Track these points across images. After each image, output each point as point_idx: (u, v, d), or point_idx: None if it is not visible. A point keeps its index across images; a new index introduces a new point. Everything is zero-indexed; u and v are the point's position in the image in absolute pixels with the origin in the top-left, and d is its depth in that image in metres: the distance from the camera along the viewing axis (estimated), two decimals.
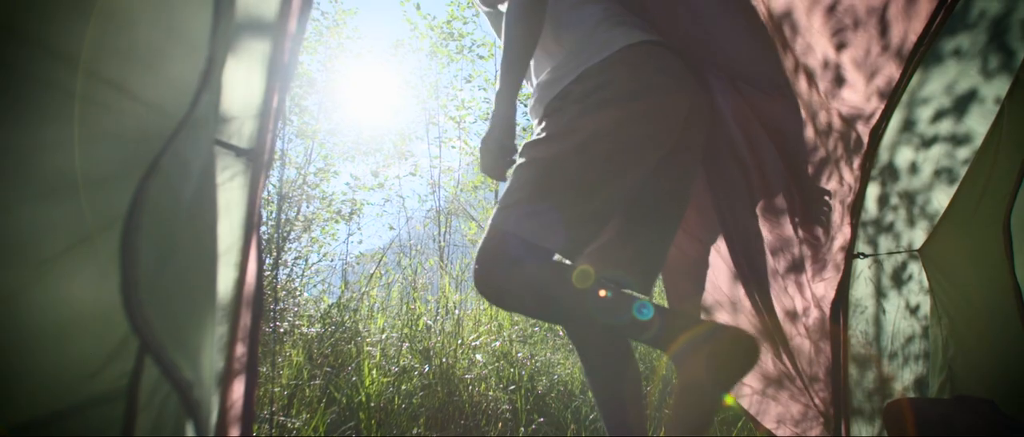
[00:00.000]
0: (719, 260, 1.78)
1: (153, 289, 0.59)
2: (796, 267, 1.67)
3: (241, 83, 0.79)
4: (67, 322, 0.63)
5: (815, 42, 1.41)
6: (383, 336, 2.79)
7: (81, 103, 0.62)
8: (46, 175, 0.62)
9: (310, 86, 4.82)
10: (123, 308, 0.57)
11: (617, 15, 1.40)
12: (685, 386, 1.25)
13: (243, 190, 0.81)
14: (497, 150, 1.32)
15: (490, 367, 2.64)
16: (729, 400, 1.79)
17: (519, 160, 1.32)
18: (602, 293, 1.27)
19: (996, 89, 1.63)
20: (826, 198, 1.62)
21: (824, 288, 1.68)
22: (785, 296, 1.71)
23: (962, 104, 1.68)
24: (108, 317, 0.63)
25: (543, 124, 1.34)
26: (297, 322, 3.16)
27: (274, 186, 4.03)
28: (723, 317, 1.81)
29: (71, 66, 0.60)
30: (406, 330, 2.79)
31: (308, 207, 4.47)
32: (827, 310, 1.69)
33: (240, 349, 0.86)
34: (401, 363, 2.57)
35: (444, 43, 5.66)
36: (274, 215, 3.96)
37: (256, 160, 0.80)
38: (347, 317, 2.91)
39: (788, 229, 1.64)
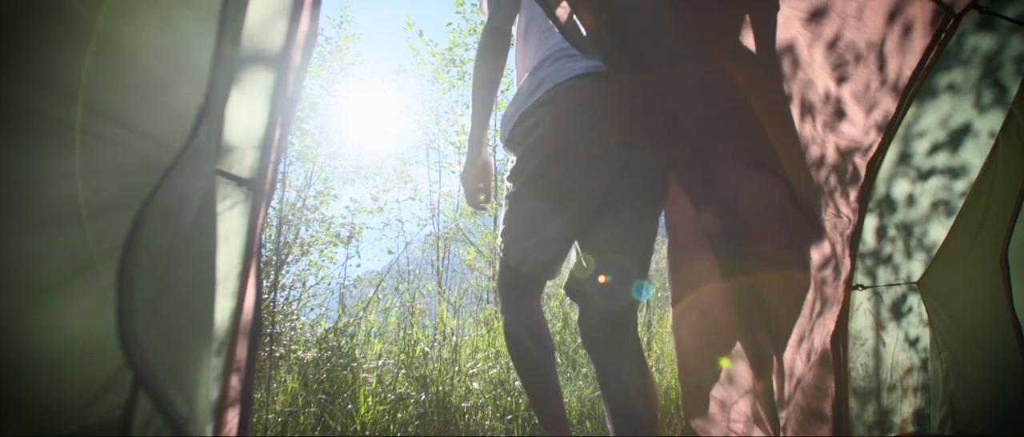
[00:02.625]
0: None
1: (150, 322, 0.58)
2: (819, 313, 1.66)
3: (244, 114, 0.80)
4: (64, 350, 0.62)
5: (816, 76, 1.43)
6: (379, 362, 2.76)
7: (81, 135, 0.62)
8: (47, 205, 0.62)
9: (312, 110, 4.86)
10: (118, 341, 0.57)
11: (569, 46, 1.46)
12: None
13: (243, 219, 0.81)
14: (469, 190, 1.57)
15: (487, 395, 2.61)
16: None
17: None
18: (602, 279, 1.35)
19: (990, 123, 1.65)
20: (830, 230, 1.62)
21: (826, 321, 1.68)
22: (805, 342, 1.69)
23: (957, 137, 1.70)
24: (104, 347, 0.63)
25: (509, 158, 1.54)
26: (293, 347, 3.13)
27: (274, 209, 4.03)
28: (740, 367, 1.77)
29: (69, 99, 0.61)
30: (403, 356, 2.77)
31: (307, 230, 4.46)
32: (828, 343, 1.68)
33: (235, 380, 0.85)
34: (397, 390, 2.54)
35: (446, 69, 5.72)
36: (273, 238, 3.96)
37: (256, 190, 0.81)
38: (344, 342, 2.89)
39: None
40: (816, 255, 1.58)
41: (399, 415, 2.42)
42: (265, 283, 3.49)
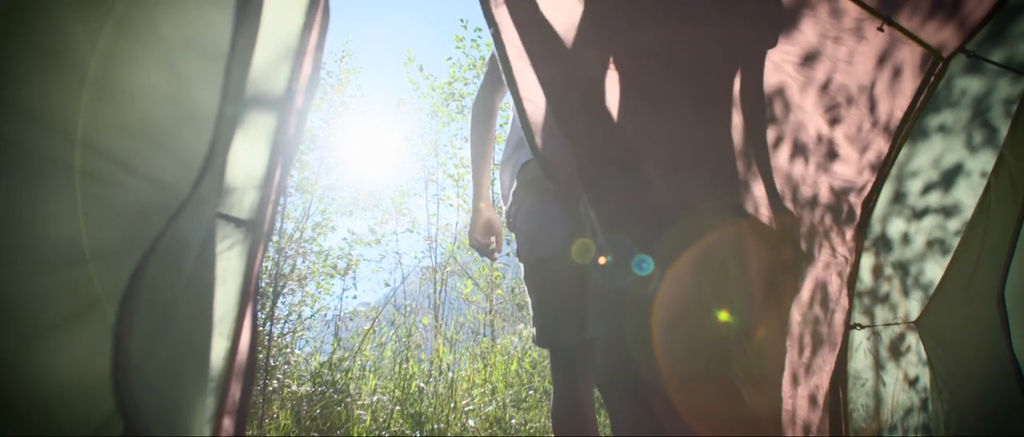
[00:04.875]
0: None
1: (145, 368, 0.58)
2: (812, 351, 1.65)
3: (246, 155, 0.81)
4: (58, 393, 0.61)
5: (808, 119, 1.46)
6: (374, 399, 2.71)
7: (82, 177, 0.62)
8: (48, 246, 0.62)
9: (312, 142, 4.90)
10: (112, 388, 0.56)
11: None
12: None
13: (241, 260, 0.81)
14: (477, 245, 1.69)
15: (483, 434, 2.56)
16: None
17: None
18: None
19: (982, 163, 1.67)
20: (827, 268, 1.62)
21: (823, 361, 1.66)
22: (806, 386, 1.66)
23: (950, 177, 1.72)
24: (98, 391, 0.62)
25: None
26: (286, 381, 3.09)
27: (271, 240, 4.02)
28: None
29: (68, 139, 0.60)
30: (398, 392, 2.73)
31: (304, 262, 4.44)
32: (818, 380, 1.66)
33: (228, 421, 0.84)
34: (392, 429, 2.49)
35: (445, 103, 5.81)
36: (270, 269, 3.94)
37: (255, 230, 0.81)
38: (338, 377, 2.85)
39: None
40: (805, 292, 1.57)
41: None
42: (260, 315, 3.46)
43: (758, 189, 1.46)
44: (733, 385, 1.51)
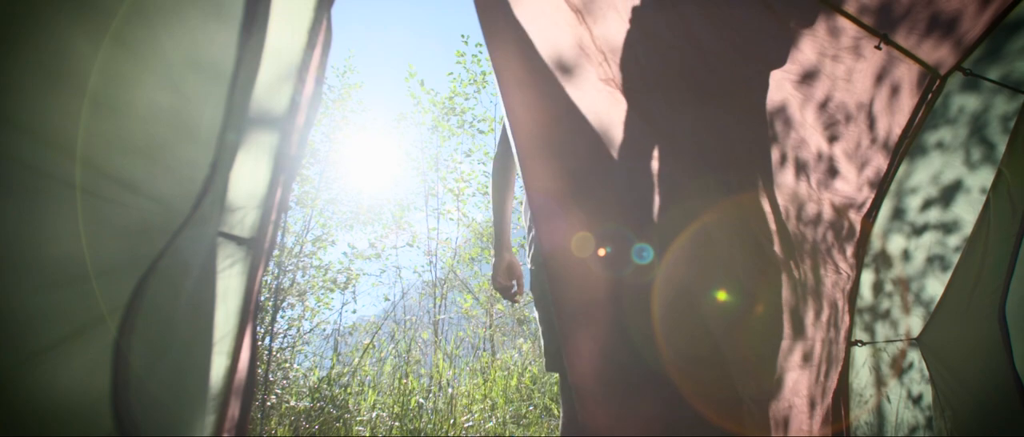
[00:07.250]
0: None
1: (145, 387, 0.58)
2: (826, 373, 1.64)
3: (247, 174, 0.81)
4: (56, 410, 0.61)
5: (809, 136, 1.46)
6: (373, 415, 2.69)
7: (82, 194, 0.62)
8: (48, 263, 0.62)
9: (313, 156, 4.91)
10: (111, 409, 0.56)
11: None
12: None
13: (242, 277, 0.81)
14: (500, 287, 1.77)
15: None
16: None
17: None
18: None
19: (981, 180, 1.68)
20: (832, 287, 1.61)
21: (833, 380, 1.65)
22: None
23: (949, 193, 1.72)
24: (98, 408, 0.62)
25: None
26: (285, 396, 3.07)
27: (272, 256, 3.98)
28: None
29: (67, 155, 0.60)
30: (396, 408, 2.71)
31: (304, 276, 4.43)
32: (829, 400, 1.65)
33: None
34: None
35: (446, 117, 5.84)
36: (270, 283, 3.93)
37: (256, 249, 0.81)
38: (337, 392, 2.83)
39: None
40: (824, 314, 1.57)
41: None
42: (260, 329, 3.45)
43: (749, 168, 1.46)
44: (734, 368, 1.50)
